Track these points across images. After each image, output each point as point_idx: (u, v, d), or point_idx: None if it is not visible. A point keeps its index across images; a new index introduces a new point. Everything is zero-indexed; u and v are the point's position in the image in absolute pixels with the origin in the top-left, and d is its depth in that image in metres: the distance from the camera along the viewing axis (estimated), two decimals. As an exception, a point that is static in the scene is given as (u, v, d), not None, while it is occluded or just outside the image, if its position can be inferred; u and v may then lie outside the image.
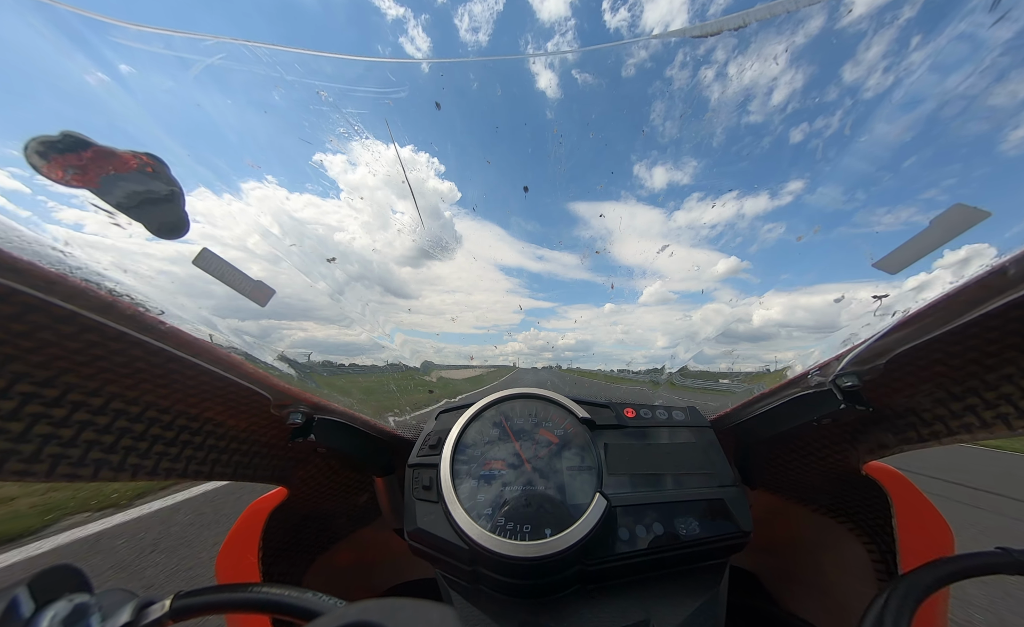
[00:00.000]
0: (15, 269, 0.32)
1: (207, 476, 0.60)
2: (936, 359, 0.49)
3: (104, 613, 0.36)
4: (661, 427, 0.67)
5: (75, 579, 0.36)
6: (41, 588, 0.33)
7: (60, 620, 0.33)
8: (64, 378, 0.43)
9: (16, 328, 0.37)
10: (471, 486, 0.56)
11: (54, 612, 0.33)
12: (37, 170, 0.36)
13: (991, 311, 0.39)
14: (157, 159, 0.42)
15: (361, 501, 0.92)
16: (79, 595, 0.35)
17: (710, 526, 0.55)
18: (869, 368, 0.51)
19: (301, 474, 0.79)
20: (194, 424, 0.57)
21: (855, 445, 0.66)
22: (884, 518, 0.69)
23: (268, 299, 0.51)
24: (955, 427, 0.52)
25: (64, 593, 0.34)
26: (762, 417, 0.67)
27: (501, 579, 0.51)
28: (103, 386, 0.45)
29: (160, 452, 0.53)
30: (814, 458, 0.73)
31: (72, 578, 0.36)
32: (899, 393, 0.56)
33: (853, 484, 0.72)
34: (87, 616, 0.35)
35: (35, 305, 0.35)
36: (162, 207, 0.42)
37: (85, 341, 0.40)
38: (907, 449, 0.59)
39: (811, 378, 0.56)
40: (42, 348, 0.39)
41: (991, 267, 0.36)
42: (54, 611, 0.33)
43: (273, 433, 0.67)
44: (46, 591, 0.33)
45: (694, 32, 0.51)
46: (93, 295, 0.37)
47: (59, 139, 0.36)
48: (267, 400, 0.57)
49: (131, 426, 0.49)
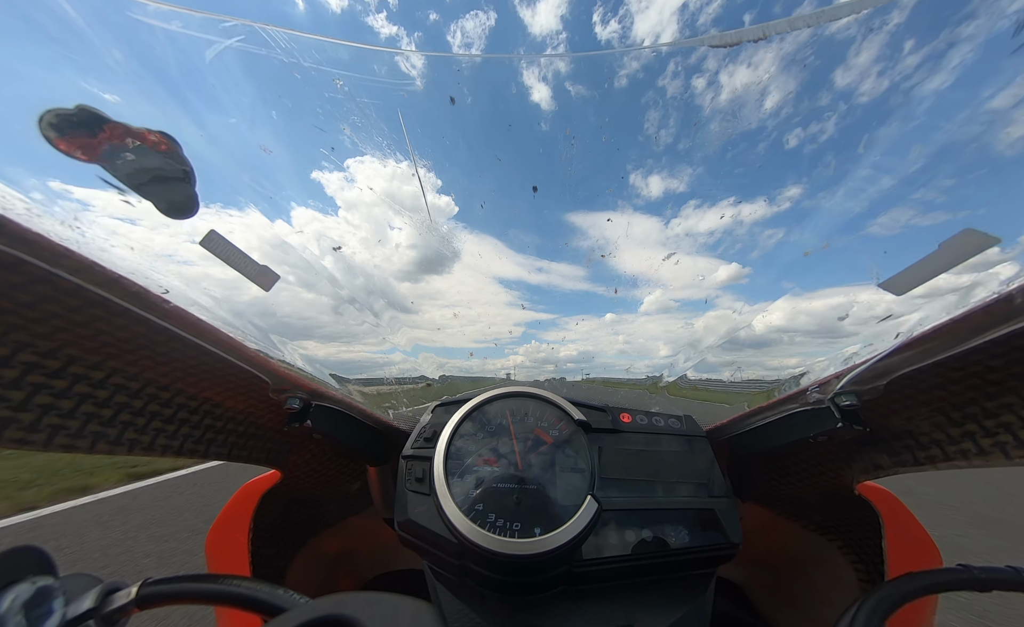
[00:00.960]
0: (24, 240, 0.33)
1: (203, 455, 0.61)
2: (937, 383, 0.49)
3: (68, 597, 0.35)
4: (656, 434, 0.67)
5: (39, 561, 0.35)
6: (4, 569, 0.32)
7: (22, 602, 0.32)
8: (67, 350, 0.43)
9: (22, 298, 0.37)
10: (464, 481, 0.57)
11: (15, 594, 0.32)
12: (50, 142, 0.36)
13: (995, 339, 0.39)
14: (170, 138, 0.42)
15: (353, 489, 0.93)
16: (43, 578, 0.34)
17: (699, 535, 0.55)
18: (869, 388, 0.51)
19: (295, 458, 0.79)
20: (192, 403, 0.57)
21: (850, 464, 0.66)
22: (874, 538, 0.69)
23: (272, 284, 0.51)
24: (952, 453, 0.52)
25: (27, 575, 0.33)
26: (758, 430, 0.67)
27: (488, 575, 0.51)
28: (105, 360, 0.46)
29: (157, 428, 0.53)
30: (808, 474, 0.73)
31: (36, 560, 0.35)
32: (897, 415, 0.56)
33: (845, 502, 0.72)
34: (50, 599, 0.34)
35: (42, 276, 0.35)
36: (173, 186, 0.42)
37: (89, 315, 0.40)
38: (902, 471, 0.59)
39: (810, 394, 0.56)
40: (47, 319, 0.39)
41: (997, 295, 0.36)
42: (15, 593, 0.32)
43: (270, 416, 0.68)
44: (8, 572, 0.32)
45: (714, 41, 0.51)
46: (99, 270, 0.37)
47: (74, 113, 0.36)
48: (266, 383, 0.57)
49: (130, 401, 0.50)
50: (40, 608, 0.33)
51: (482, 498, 0.54)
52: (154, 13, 0.45)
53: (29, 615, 0.32)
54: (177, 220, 0.44)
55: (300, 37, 0.55)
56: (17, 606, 0.32)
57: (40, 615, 0.33)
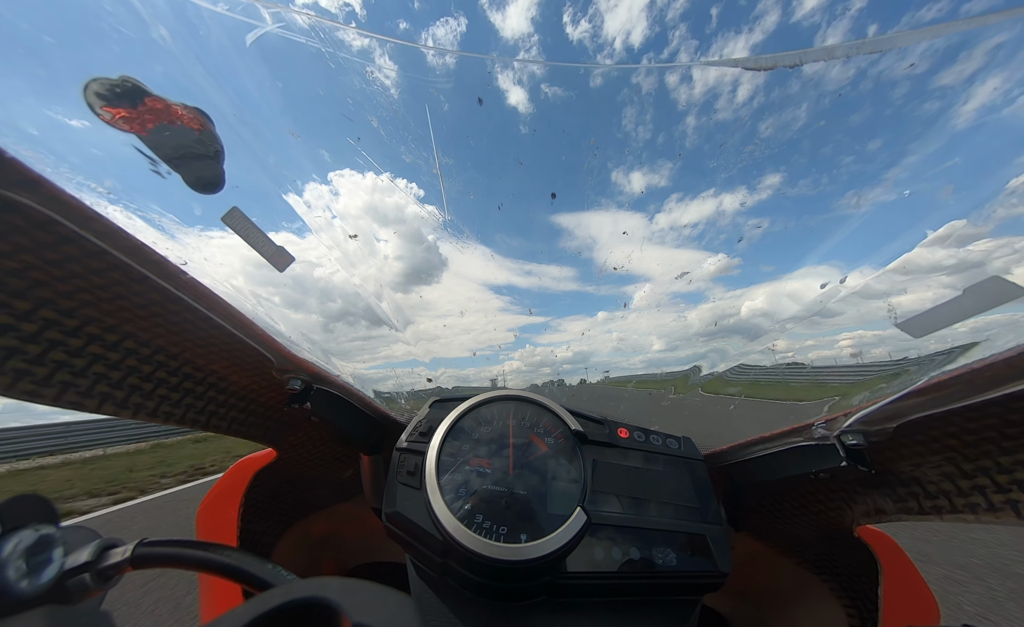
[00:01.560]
0: (58, 200, 0.34)
1: (203, 426, 0.62)
2: (950, 432, 0.47)
3: (67, 548, 0.36)
4: (652, 453, 0.66)
5: (43, 510, 0.36)
6: (7, 514, 0.33)
7: (24, 547, 0.33)
8: (85, 311, 0.44)
9: (50, 256, 0.38)
10: (455, 479, 0.56)
11: (19, 539, 0.33)
12: (93, 109, 0.38)
13: (1015, 392, 0.38)
14: (205, 115, 0.43)
15: (345, 475, 0.93)
16: (45, 526, 0.35)
17: (688, 560, 0.54)
18: (877, 429, 0.50)
19: (292, 439, 0.80)
20: (198, 374, 0.58)
21: (851, 505, 0.65)
22: (870, 584, 0.67)
23: (287, 265, 0.52)
24: (960, 505, 0.50)
25: (31, 522, 0.35)
26: (758, 461, 0.66)
27: (470, 576, 0.51)
28: (120, 324, 0.47)
29: (162, 396, 0.54)
30: (807, 512, 0.72)
31: (40, 509, 0.36)
32: (905, 460, 0.54)
33: (843, 545, 0.70)
34: (51, 548, 0.35)
35: (70, 237, 0.37)
36: (203, 162, 0.43)
37: (110, 278, 0.42)
38: (905, 518, 0.57)
39: (815, 430, 0.55)
40: (70, 279, 0.41)
41: (1020, 348, 0.35)
42: (19, 538, 0.33)
43: (271, 395, 0.69)
44: (12, 518, 0.34)
45: (748, 64, 0.51)
46: (124, 236, 0.38)
47: (118, 82, 0.38)
48: (270, 362, 0.58)
49: (139, 366, 0.51)
50: (40, 555, 0.34)
51: (471, 498, 0.54)
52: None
53: (30, 561, 0.33)
54: (203, 194, 0.45)
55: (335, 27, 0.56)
56: (19, 551, 0.33)
57: (40, 562, 0.34)
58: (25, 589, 0.32)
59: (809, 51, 0.48)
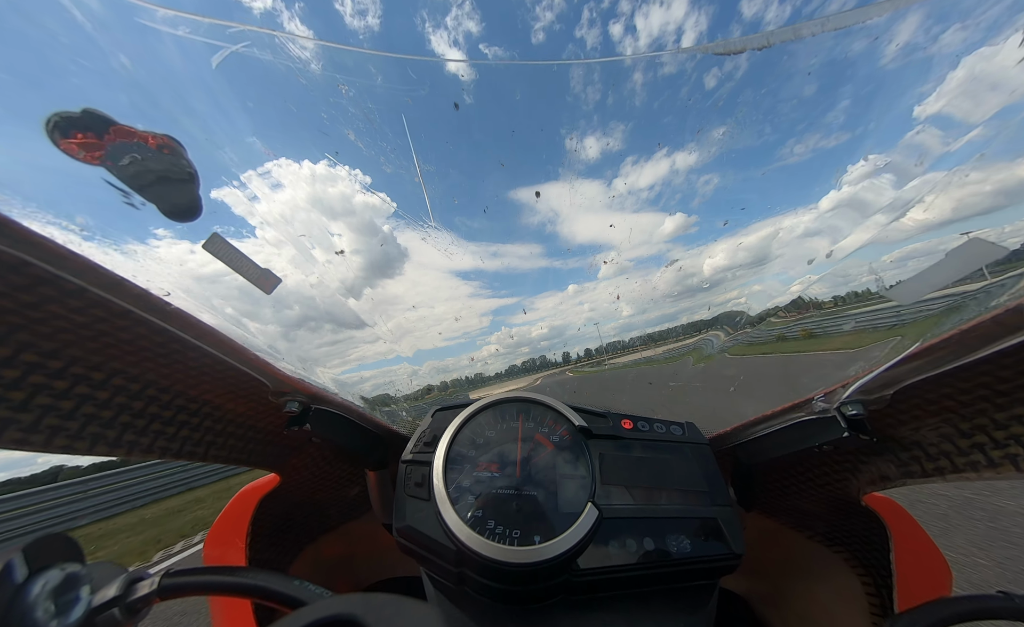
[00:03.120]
0: (29, 242, 0.33)
1: (202, 457, 0.61)
2: (945, 394, 0.48)
3: (94, 585, 0.37)
4: (658, 441, 0.66)
5: (68, 549, 0.36)
6: (35, 555, 0.33)
7: (51, 588, 0.33)
8: (68, 351, 0.43)
9: (26, 299, 0.37)
10: (463, 487, 0.56)
11: (46, 579, 0.33)
12: (57, 145, 0.37)
13: (1005, 349, 0.38)
14: (175, 141, 0.42)
15: (352, 494, 0.92)
16: (71, 565, 0.35)
17: (702, 545, 0.54)
18: (875, 398, 0.50)
19: (295, 462, 0.79)
20: (192, 405, 0.57)
21: (856, 475, 0.65)
22: (882, 551, 0.68)
23: (274, 287, 0.51)
24: (961, 464, 0.51)
25: (57, 562, 0.35)
26: (762, 439, 0.66)
27: (486, 583, 0.51)
28: (106, 361, 0.46)
29: (157, 431, 0.53)
30: (813, 485, 0.72)
31: (66, 548, 0.36)
32: (905, 425, 0.55)
33: (852, 514, 0.71)
34: (78, 586, 0.35)
35: (46, 278, 0.36)
36: (177, 189, 0.42)
37: (92, 316, 0.41)
38: (910, 483, 0.58)
39: (815, 403, 0.55)
40: (49, 320, 0.40)
41: (1008, 305, 0.35)
42: (46, 579, 0.33)
43: (269, 420, 0.68)
44: (40, 558, 0.34)
45: (717, 49, 0.51)
46: (102, 272, 0.37)
47: (80, 116, 0.37)
48: (265, 387, 0.57)
49: (130, 403, 0.50)
50: (68, 594, 0.34)
51: (481, 505, 0.53)
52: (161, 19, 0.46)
53: (58, 601, 0.33)
54: (180, 222, 0.44)
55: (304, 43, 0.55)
56: (47, 592, 0.33)
57: (68, 601, 0.34)
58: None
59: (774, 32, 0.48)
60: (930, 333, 0.42)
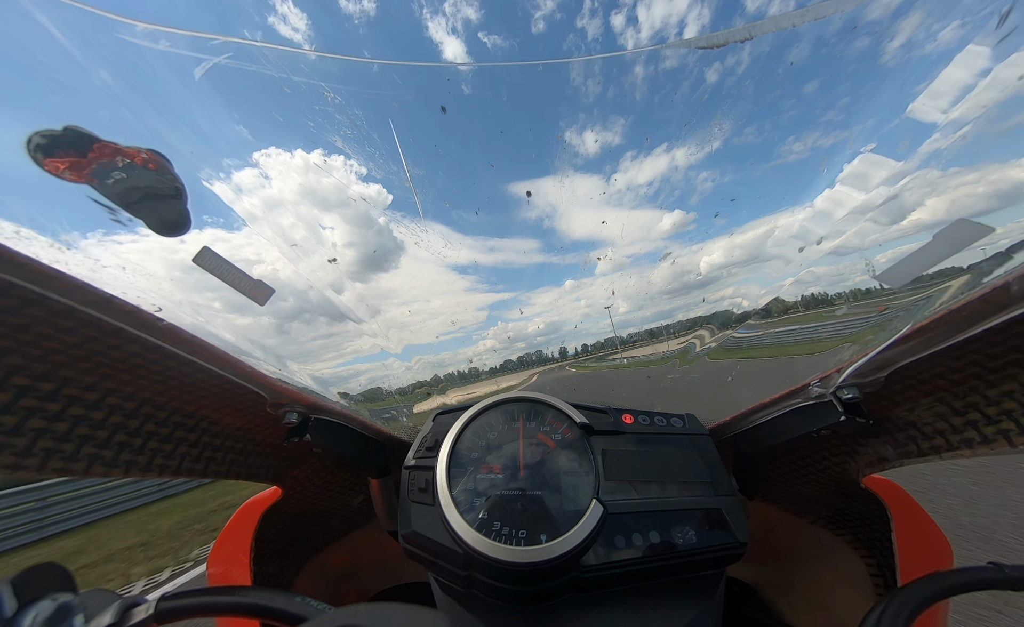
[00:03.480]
0: (13, 263, 0.32)
1: (201, 474, 0.60)
2: (937, 373, 0.49)
3: (88, 614, 0.35)
4: (659, 434, 0.67)
5: (60, 578, 0.35)
6: (25, 586, 0.32)
7: (43, 620, 0.32)
8: (60, 372, 0.42)
9: (14, 322, 0.36)
10: (467, 489, 0.56)
11: (36, 611, 0.32)
12: (39, 165, 0.36)
13: (994, 326, 0.39)
14: (161, 156, 0.42)
15: (356, 502, 0.92)
16: (63, 594, 0.35)
17: (707, 536, 0.54)
18: (870, 380, 0.51)
19: (296, 474, 0.78)
20: (189, 421, 0.56)
21: (855, 458, 0.66)
22: (883, 531, 0.69)
23: (267, 298, 0.51)
24: (956, 442, 0.52)
25: (48, 592, 0.34)
26: (761, 427, 0.67)
27: (495, 584, 0.51)
28: (99, 381, 0.45)
29: (154, 448, 0.53)
30: (813, 470, 0.73)
31: (57, 577, 0.35)
32: (900, 406, 0.56)
33: (852, 497, 0.71)
34: (70, 616, 0.34)
35: (33, 299, 0.35)
36: (164, 204, 0.42)
37: (83, 336, 0.40)
38: (907, 463, 0.59)
39: (811, 389, 0.56)
40: (39, 342, 0.39)
41: (995, 283, 0.36)
42: (37, 610, 0.32)
43: (268, 432, 0.67)
44: (30, 589, 0.33)
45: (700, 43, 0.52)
46: (91, 291, 0.36)
47: (62, 133, 0.36)
48: (263, 399, 0.57)
49: (126, 422, 0.49)
50: (61, 625, 0.33)
51: (486, 506, 0.53)
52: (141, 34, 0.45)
53: None
54: (169, 238, 0.43)
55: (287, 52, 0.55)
56: (39, 623, 0.32)
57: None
58: None
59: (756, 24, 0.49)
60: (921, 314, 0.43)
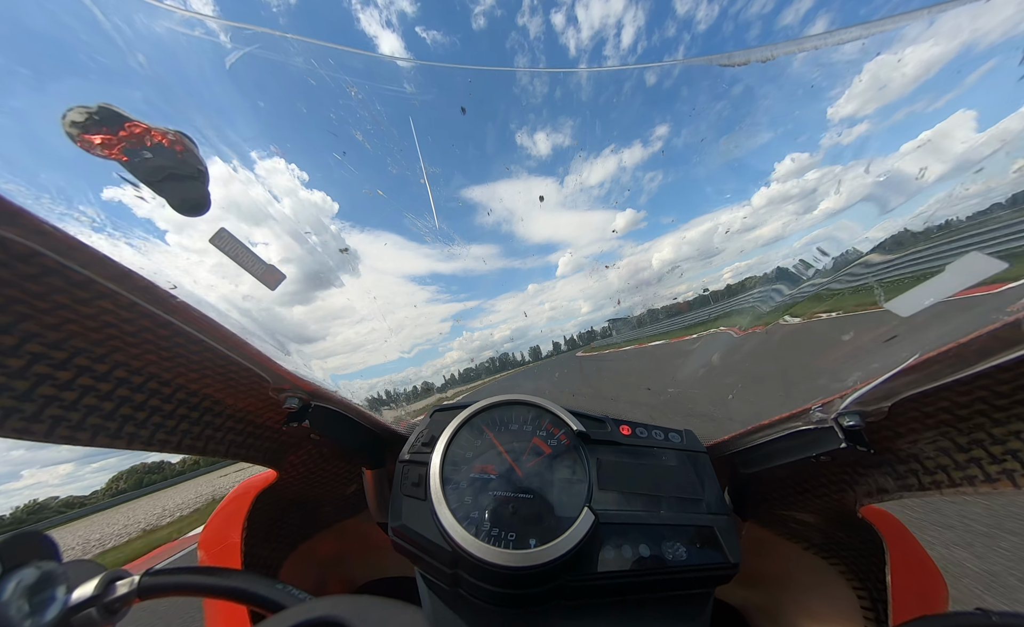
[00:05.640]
0: (40, 231, 0.33)
1: (200, 451, 0.61)
2: (943, 407, 0.48)
3: (71, 584, 0.36)
4: (656, 448, 0.66)
5: (44, 547, 0.35)
6: (9, 553, 0.32)
7: (25, 587, 0.32)
8: (73, 342, 0.43)
9: (34, 288, 0.37)
10: (460, 488, 0.56)
11: (20, 578, 0.32)
12: (73, 139, 0.37)
13: (1002, 364, 0.38)
14: (187, 138, 0.43)
15: (349, 492, 0.92)
16: (47, 563, 0.35)
17: (698, 554, 0.54)
18: (873, 409, 0.51)
19: (292, 459, 0.79)
20: (193, 399, 0.57)
21: (853, 486, 0.65)
22: (878, 565, 0.68)
23: (278, 283, 0.52)
24: (958, 478, 0.51)
25: (32, 560, 0.34)
26: (760, 448, 0.66)
27: (481, 585, 0.51)
28: (109, 353, 0.46)
29: (157, 423, 0.54)
30: (810, 495, 0.72)
31: (41, 546, 0.35)
32: (902, 438, 0.55)
33: (848, 526, 0.70)
34: (54, 585, 0.34)
35: (54, 268, 0.36)
36: (186, 184, 0.43)
37: (98, 307, 0.41)
38: (907, 496, 0.58)
39: (813, 413, 0.56)
40: (56, 310, 0.40)
41: (1006, 320, 0.36)
42: (20, 577, 0.32)
43: (269, 415, 0.68)
44: (14, 556, 0.33)
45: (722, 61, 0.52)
46: (111, 264, 0.37)
47: (96, 111, 0.38)
48: (266, 382, 0.58)
49: (132, 395, 0.50)
50: (43, 593, 0.33)
51: (477, 506, 0.53)
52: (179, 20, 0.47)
53: (32, 600, 0.32)
54: (188, 217, 0.44)
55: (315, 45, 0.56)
56: (21, 590, 0.32)
57: (43, 601, 0.33)
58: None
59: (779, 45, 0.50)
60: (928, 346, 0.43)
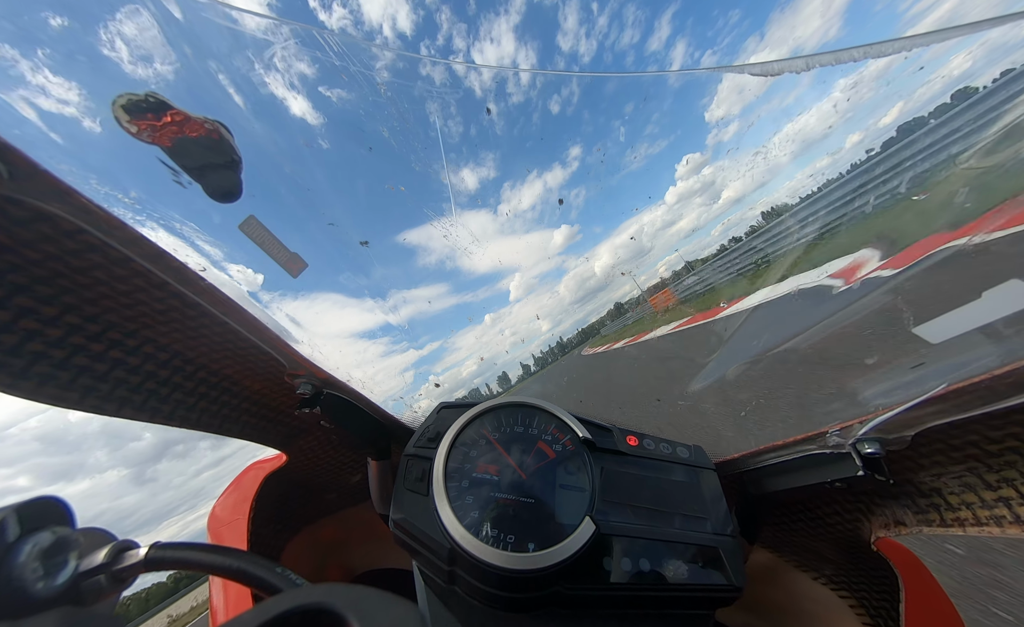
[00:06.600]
0: (86, 210, 0.35)
1: (216, 429, 0.63)
2: (971, 441, 0.46)
3: (82, 551, 0.37)
4: (662, 461, 0.65)
5: (60, 513, 0.37)
6: (28, 516, 0.34)
7: (41, 549, 0.34)
8: (107, 316, 0.46)
9: (75, 264, 0.40)
10: (462, 486, 0.56)
11: (36, 541, 0.34)
12: (120, 123, 0.40)
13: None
14: (224, 127, 0.45)
15: (354, 481, 0.93)
16: (62, 528, 0.36)
17: (700, 573, 0.52)
18: (894, 437, 0.49)
19: (302, 443, 0.81)
20: (213, 379, 0.59)
21: (869, 517, 0.62)
22: (891, 601, 0.65)
23: (300, 272, 0.53)
24: (984, 518, 0.48)
25: (49, 524, 0.35)
26: (771, 469, 0.64)
27: (476, 585, 0.50)
28: (140, 329, 0.48)
29: (178, 400, 0.56)
30: (822, 523, 0.69)
31: (57, 512, 0.37)
32: (925, 470, 0.53)
33: (861, 559, 0.68)
34: (67, 551, 0.36)
35: (96, 245, 0.38)
36: (221, 172, 0.45)
37: (132, 285, 0.43)
38: (927, 532, 0.55)
39: (829, 437, 0.54)
40: (94, 286, 0.42)
41: None
42: (36, 540, 0.34)
43: (282, 399, 0.70)
44: (33, 519, 0.34)
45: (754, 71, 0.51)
46: (146, 244, 0.39)
47: (143, 99, 0.40)
48: (282, 366, 0.59)
49: (157, 371, 0.52)
50: (56, 557, 0.35)
51: (479, 506, 0.54)
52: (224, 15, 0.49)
53: (46, 563, 0.34)
54: (221, 203, 0.46)
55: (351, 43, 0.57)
56: (36, 553, 0.34)
57: (56, 564, 0.35)
58: (41, 591, 0.33)
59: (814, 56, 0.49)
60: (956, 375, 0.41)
